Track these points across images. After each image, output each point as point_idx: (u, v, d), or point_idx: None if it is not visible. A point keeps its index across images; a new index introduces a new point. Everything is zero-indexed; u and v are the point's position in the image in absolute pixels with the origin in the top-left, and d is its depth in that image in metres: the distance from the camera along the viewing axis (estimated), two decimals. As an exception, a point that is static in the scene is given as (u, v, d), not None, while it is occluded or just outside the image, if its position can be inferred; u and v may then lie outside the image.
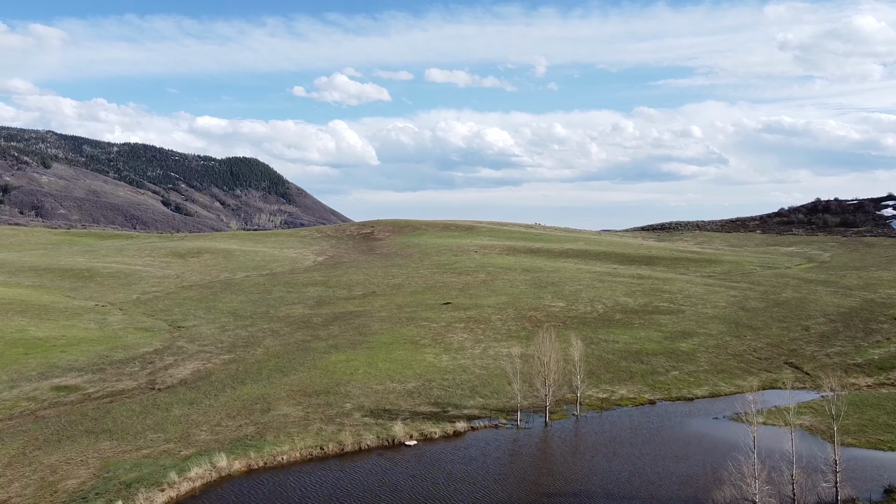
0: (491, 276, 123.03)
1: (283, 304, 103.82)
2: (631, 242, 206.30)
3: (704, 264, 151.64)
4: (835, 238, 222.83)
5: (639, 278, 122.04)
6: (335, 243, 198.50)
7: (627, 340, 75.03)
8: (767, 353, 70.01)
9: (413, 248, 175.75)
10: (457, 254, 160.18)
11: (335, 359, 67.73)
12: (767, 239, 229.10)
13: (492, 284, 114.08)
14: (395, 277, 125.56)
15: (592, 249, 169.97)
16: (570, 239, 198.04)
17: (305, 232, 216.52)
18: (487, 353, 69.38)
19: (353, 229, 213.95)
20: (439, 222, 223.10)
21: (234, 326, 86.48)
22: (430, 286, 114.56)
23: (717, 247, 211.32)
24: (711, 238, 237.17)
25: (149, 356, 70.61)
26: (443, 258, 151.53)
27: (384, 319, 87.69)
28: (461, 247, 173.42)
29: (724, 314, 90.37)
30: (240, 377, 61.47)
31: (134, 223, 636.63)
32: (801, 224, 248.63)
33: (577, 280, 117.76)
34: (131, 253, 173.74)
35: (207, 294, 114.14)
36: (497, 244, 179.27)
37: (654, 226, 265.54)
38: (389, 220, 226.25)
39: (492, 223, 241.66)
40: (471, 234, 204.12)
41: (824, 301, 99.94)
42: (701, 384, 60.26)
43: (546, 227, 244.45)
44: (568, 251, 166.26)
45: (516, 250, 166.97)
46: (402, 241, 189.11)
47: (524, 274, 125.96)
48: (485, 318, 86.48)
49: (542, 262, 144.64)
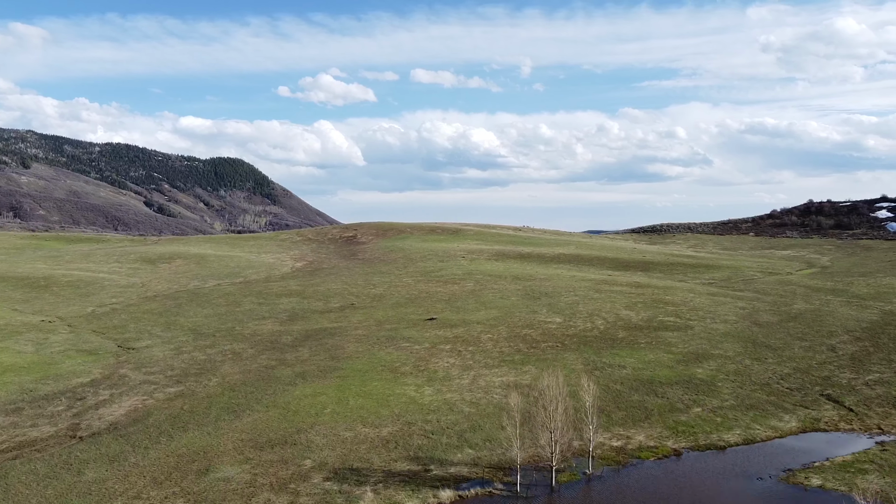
0: (480, 286, 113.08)
1: (252, 318, 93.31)
2: (623, 246, 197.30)
3: (702, 270, 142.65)
4: (830, 241, 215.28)
5: (637, 287, 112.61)
6: (316, 247, 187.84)
7: (635, 365, 65.44)
8: (797, 381, 60.62)
9: (397, 252, 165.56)
10: (443, 259, 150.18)
11: (300, 393, 57.57)
12: (762, 242, 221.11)
13: (481, 295, 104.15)
14: (377, 287, 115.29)
15: (585, 254, 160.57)
16: (560, 242, 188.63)
17: (286, 235, 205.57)
18: (478, 384, 59.43)
19: (335, 233, 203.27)
20: (425, 225, 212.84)
21: (192, 348, 75.91)
22: (413, 297, 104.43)
23: (712, 250, 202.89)
24: (704, 241, 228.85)
25: (82, 389, 59.73)
26: (428, 264, 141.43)
27: (361, 339, 77.51)
28: (448, 252, 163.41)
29: (737, 330, 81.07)
30: (182, 420, 50.84)
31: (115, 224, 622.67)
32: (795, 226, 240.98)
33: (573, 290, 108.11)
34: (98, 258, 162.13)
35: (171, 307, 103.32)
36: (485, 248, 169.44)
37: (646, 228, 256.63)
38: (373, 223, 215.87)
39: (479, 226, 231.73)
40: (457, 237, 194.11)
41: (841, 314, 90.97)
42: (730, 426, 50.16)
43: (535, 230, 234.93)
44: (560, 256, 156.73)
45: (505, 255, 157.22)
46: (386, 246, 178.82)
47: (515, 283, 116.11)
48: (474, 337, 76.52)
49: (533, 269, 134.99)
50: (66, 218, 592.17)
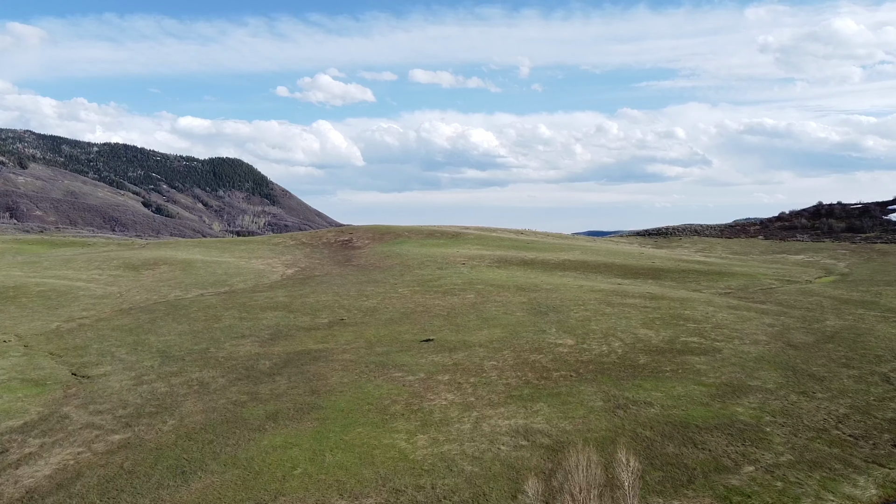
0: (481, 298, 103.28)
1: (230, 336, 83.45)
2: (630, 251, 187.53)
3: (716, 278, 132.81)
4: (843, 245, 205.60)
5: (651, 299, 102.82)
6: (309, 252, 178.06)
7: (664, 401, 55.72)
8: (859, 425, 50.92)
9: (394, 258, 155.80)
10: (442, 266, 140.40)
11: (268, 443, 47.75)
12: (772, 245, 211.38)
13: (482, 309, 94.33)
14: (370, 298, 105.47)
15: (591, 260, 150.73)
16: (564, 247, 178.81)
17: (279, 239, 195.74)
18: (481, 430, 49.69)
19: (330, 236, 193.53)
20: (423, 228, 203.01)
21: (155, 376, 66.07)
22: (409, 312, 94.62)
23: (721, 255, 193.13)
24: (712, 244, 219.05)
25: (9, 437, 49.04)
26: (426, 272, 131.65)
27: (348, 365, 67.72)
28: (447, 257, 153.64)
29: (771, 354, 71.30)
30: (116, 487, 40.39)
31: (113, 225, 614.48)
32: (805, 229, 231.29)
33: (583, 303, 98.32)
34: (78, 265, 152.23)
35: (144, 322, 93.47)
36: (486, 254, 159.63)
37: (651, 230, 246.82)
38: (370, 227, 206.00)
39: (479, 229, 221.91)
40: (457, 241, 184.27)
41: (882, 333, 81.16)
42: (796, 494, 39.41)
43: (537, 234, 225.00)
44: (565, 262, 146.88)
45: (508, 262, 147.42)
46: (383, 251, 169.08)
47: (519, 294, 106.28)
48: (476, 364, 66.77)
49: (537, 277, 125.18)
50: (63, 218, 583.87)
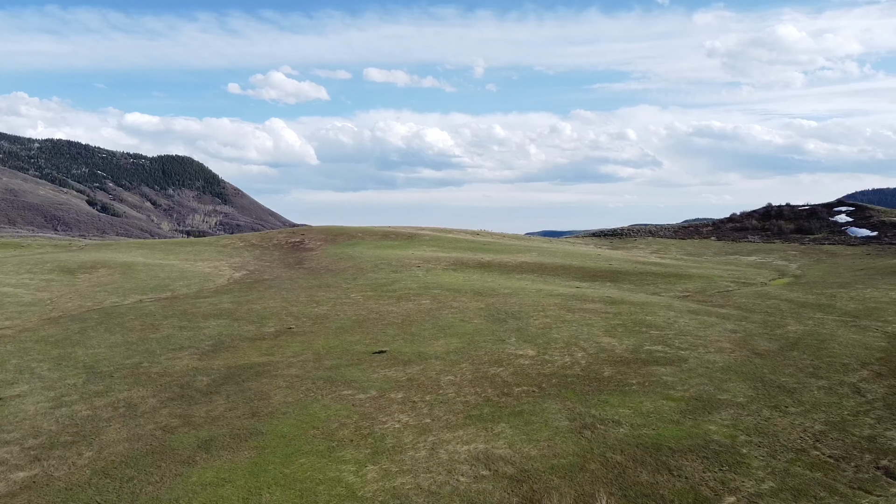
0: (437, 304, 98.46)
1: (167, 348, 76.65)
2: (587, 252, 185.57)
3: (673, 280, 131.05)
4: (792, 245, 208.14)
5: (612, 304, 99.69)
6: (259, 254, 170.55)
7: (633, 419, 51.97)
8: (838, 444, 47.99)
9: (347, 261, 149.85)
10: (396, 269, 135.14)
11: (197, 479, 41.94)
12: (725, 247, 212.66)
13: (439, 317, 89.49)
14: (320, 305, 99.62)
15: (549, 263, 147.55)
16: (521, 249, 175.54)
17: (228, 240, 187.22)
18: (438, 458, 44.94)
19: (281, 238, 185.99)
20: (378, 229, 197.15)
21: (78, 396, 59.29)
22: (361, 319, 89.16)
23: (677, 256, 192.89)
24: (667, 245, 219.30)
25: None
26: (380, 276, 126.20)
27: (293, 382, 62.13)
28: (402, 260, 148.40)
29: (737, 363, 68.48)
30: (9, 543, 35.37)
31: (55, 224, 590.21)
32: (756, 230, 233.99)
33: (542, 308, 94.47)
34: (8, 268, 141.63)
35: (73, 332, 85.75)
36: (442, 256, 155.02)
37: (606, 231, 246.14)
38: (322, 227, 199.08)
39: (435, 230, 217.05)
40: (412, 243, 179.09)
41: (844, 339, 79.44)
42: (783, 530, 37.05)
43: (493, 234, 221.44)
44: (523, 265, 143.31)
45: (464, 264, 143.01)
46: (336, 253, 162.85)
47: (477, 299, 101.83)
48: (432, 379, 61.92)
49: (495, 281, 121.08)
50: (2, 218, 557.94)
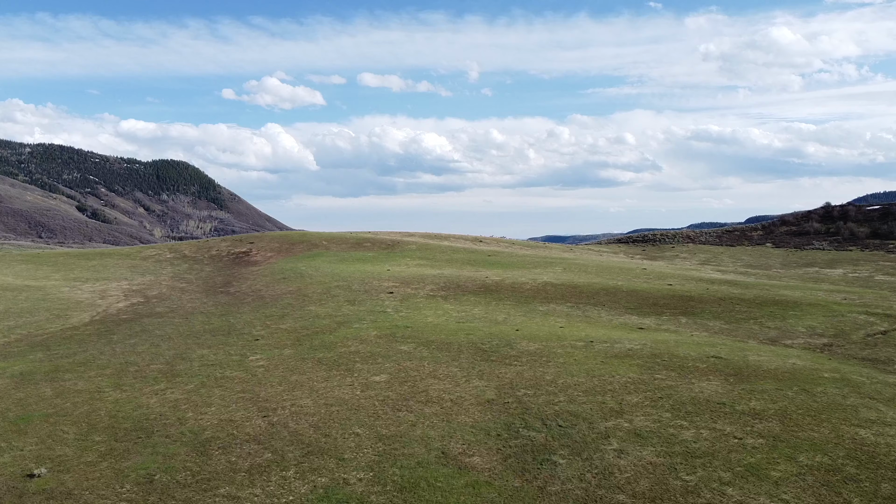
0: (400, 388, 51.32)
1: None
2: (623, 264, 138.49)
3: (777, 312, 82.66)
4: (877, 255, 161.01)
5: (735, 378, 51.00)
6: (184, 269, 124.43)
7: None
8: None
9: (291, 282, 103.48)
10: (356, 298, 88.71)
11: None
12: (790, 256, 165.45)
13: (397, 433, 42.87)
14: (175, 385, 52.36)
15: (583, 283, 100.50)
16: (539, 261, 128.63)
17: (152, 251, 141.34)
18: None
19: (223, 247, 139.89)
20: (350, 236, 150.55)
21: None
22: (224, 438, 42.55)
23: (738, 268, 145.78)
24: (716, 254, 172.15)
25: None
26: (325, 311, 79.78)
27: None
28: (369, 281, 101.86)
29: None
30: None
31: (39, 231, 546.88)
32: (820, 235, 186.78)
33: (604, 388, 47.47)
34: None
35: None
36: (430, 274, 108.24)
37: (634, 237, 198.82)
38: (280, 234, 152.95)
39: (426, 236, 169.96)
40: (392, 254, 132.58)
41: None
42: None
43: (500, 241, 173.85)
44: (546, 287, 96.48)
45: (460, 287, 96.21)
46: (284, 269, 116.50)
47: (479, 374, 54.67)
48: None
49: (509, 319, 74.63)
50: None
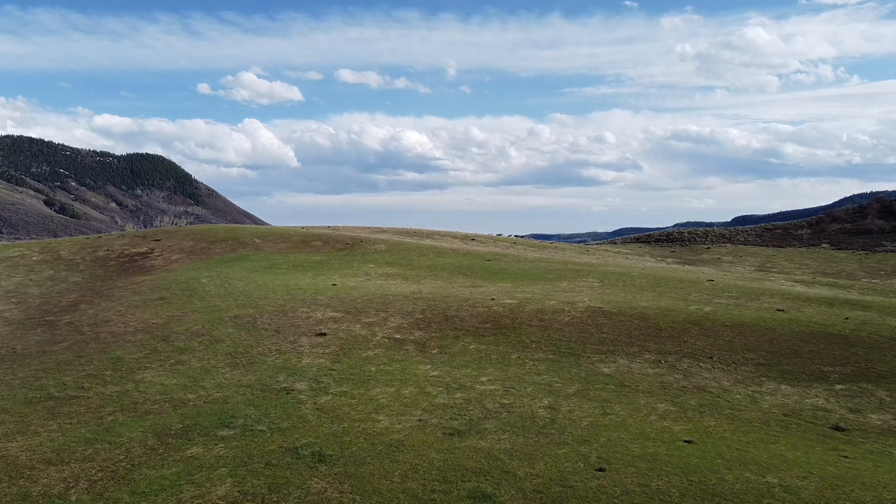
0: None
1: None
2: (681, 275, 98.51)
3: None
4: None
5: None
6: (49, 276, 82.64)
7: None
8: None
9: (170, 304, 62.54)
10: (247, 352, 48.31)
11: None
12: (868, 261, 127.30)
13: None
14: None
15: (651, 310, 60.13)
16: (559, 268, 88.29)
17: (16, 250, 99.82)
18: None
19: (118, 245, 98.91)
20: (295, 233, 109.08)
21: None
22: None
23: (814, 276, 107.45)
24: (768, 257, 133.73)
25: None
26: (172, 380, 39.46)
27: None
28: (293, 308, 61.17)
29: None
30: None
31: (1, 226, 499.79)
32: (886, 234, 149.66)
33: None
34: None
35: None
36: (399, 293, 67.73)
37: (658, 236, 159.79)
38: (202, 229, 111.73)
39: (402, 231, 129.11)
40: (350, 256, 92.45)
41: None
42: None
43: (498, 241, 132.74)
44: (596, 320, 55.66)
45: (449, 320, 55.86)
46: (180, 280, 75.45)
47: None
48: None
49: (554, 413, 35.19)
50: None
